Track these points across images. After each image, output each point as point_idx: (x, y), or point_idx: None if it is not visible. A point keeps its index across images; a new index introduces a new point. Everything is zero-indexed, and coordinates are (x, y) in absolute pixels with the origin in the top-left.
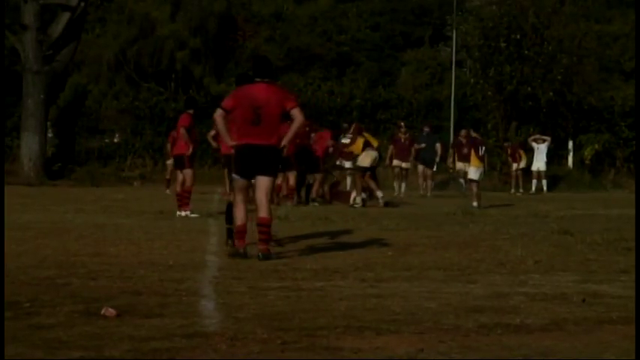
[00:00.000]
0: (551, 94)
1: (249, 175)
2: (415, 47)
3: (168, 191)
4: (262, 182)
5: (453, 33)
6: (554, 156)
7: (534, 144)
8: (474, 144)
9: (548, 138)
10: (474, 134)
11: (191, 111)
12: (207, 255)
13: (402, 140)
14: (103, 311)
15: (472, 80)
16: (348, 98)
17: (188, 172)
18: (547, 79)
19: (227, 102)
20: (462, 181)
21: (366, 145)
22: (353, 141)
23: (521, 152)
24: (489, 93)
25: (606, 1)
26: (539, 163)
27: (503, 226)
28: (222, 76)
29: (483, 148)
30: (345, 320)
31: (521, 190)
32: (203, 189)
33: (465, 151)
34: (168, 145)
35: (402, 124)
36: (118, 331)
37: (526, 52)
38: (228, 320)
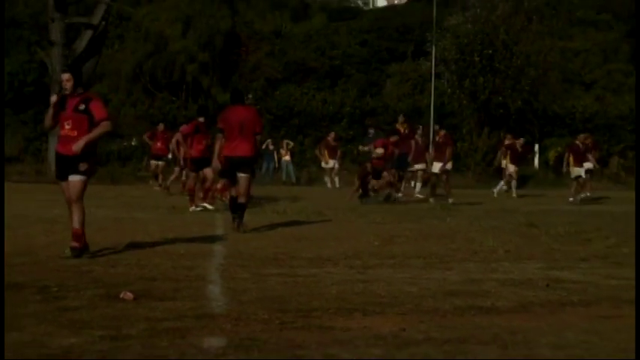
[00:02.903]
0: (519, 102)
1: None
2: (399, 61)
3: (156, 187)
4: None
5: (432, 48)
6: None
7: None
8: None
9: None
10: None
11: (202, 119)
12: (214, 245)
13: (418, 143)
14: (121, 295)
15: (449, 90)
16: (339, 106)
17: (207, 170)
18: (516, 90)
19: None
20: (502, 181)
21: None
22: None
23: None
24: (464, 102)
25: (569, 21)
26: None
27: (477, 219)
28: (227, 86)
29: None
30: (336, 303)
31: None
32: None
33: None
34: (150, 141)
35: (420, 127)
36: (135, 313)
37: (497, 65)
38: (233, 303)
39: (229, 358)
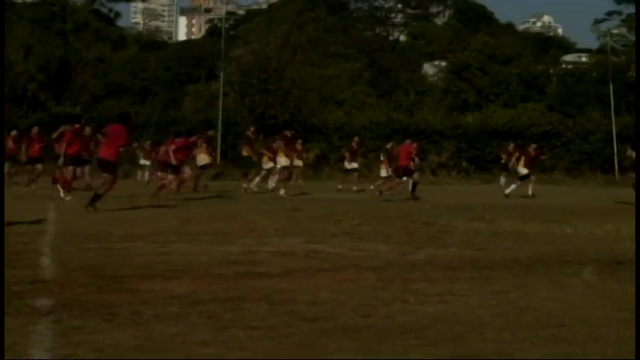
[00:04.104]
0: (287, 115)
1: None
2: (195, 82)
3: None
4: None
5: (221, 73)
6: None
7: None
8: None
9: None
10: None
11: (78, 125)
12: (47, 226)
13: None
14: None
15: (233, 106)
16: (148, 117)
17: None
18: (284, 106)
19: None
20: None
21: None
22: None
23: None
24: (245, 114)
25: (324, 53)
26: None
27: (254, 204)
28: (60, 100)
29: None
30: (143, 270)
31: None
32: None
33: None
34: (23, 147)
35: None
36: None
37: (270, 87)
38: (60, 271)
39: (56, 315)
